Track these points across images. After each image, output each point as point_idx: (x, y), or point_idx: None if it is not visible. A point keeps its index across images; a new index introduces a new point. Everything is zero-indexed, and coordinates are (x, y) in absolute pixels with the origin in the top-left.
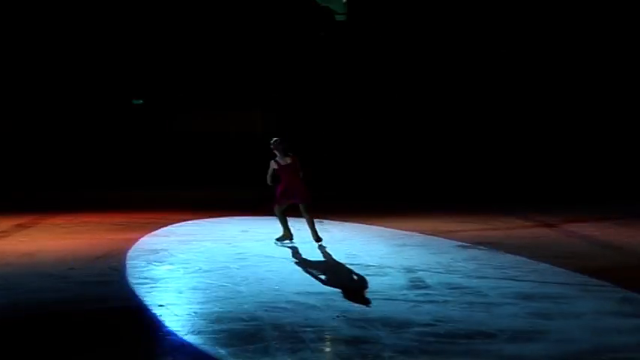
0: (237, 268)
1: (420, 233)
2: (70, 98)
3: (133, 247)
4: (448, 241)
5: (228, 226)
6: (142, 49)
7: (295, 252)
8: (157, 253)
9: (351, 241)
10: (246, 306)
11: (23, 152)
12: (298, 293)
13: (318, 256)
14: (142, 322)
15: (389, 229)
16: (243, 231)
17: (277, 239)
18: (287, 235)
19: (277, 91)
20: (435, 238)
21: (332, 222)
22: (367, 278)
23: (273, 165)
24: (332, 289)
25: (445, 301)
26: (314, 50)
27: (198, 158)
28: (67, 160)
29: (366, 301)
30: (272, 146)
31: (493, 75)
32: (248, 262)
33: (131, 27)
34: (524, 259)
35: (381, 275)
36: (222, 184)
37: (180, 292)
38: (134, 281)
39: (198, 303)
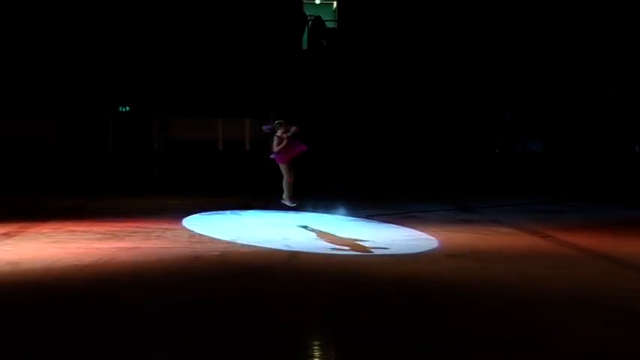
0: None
1: (410, 242)
2: (57, 103)
3: (120, 259)
4: (438, 250)
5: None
6: (129, 55)
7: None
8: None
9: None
10: None
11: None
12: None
13: (308, 264)
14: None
15: (380, 236)
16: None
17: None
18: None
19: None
20: (425, 247)
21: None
22: (356, 287)
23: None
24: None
25: (436, 311)
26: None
27: (184, 166)
28: (54, 167)
29: (356, 311)
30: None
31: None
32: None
33: (119, 33)
34: (515, 268)
35: (370, 284)
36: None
37: None
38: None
39: None
